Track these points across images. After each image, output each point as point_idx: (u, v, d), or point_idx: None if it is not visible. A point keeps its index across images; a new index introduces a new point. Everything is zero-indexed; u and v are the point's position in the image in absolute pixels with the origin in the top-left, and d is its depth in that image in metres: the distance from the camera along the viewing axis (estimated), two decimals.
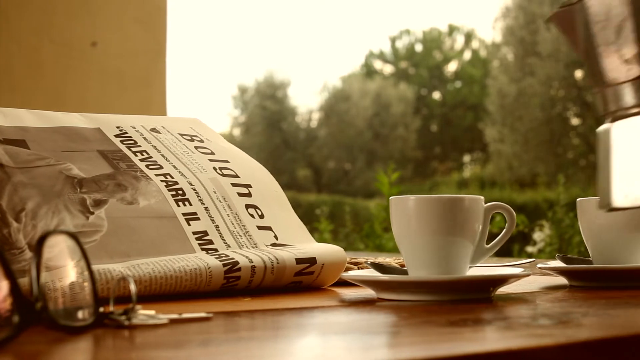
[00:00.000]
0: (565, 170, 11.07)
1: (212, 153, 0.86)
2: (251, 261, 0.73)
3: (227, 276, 0.72)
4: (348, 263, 0.86)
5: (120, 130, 0.84)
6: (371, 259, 0.86)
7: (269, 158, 15.61)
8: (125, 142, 0.83)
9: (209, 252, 0.75)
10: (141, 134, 0.85)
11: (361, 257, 0.97)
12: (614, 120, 0.67)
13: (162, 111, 2.68)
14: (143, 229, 0.73)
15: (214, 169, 0.83)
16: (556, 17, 0.72)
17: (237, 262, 0.73)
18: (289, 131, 16.25)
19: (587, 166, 11.63)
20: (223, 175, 0.83)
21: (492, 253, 0.74)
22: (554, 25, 0.73)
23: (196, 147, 0.86)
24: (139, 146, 0.83)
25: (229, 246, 0.77)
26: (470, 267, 0.74)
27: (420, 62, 18.53)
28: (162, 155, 0.82)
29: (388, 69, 18.86)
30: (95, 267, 0.65)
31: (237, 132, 16.65)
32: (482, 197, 0.73)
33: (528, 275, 0.72)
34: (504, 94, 12.30)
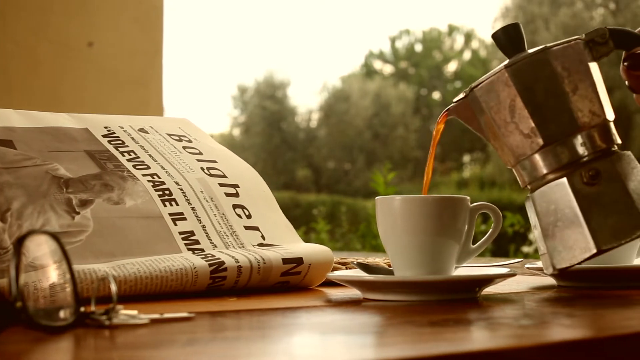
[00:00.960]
0: None
1: (200, 153, 0.86)
2: (237, 261, 0.73)
3: (213, 276, 0.72)
4: (336, 263, 0.86)
5: (108, 131, 0.85)
6: (358, 259, 0.86)
7: (269, 158, 15.62)
8: (112, 142, 0.83)
9: (195, 252, 0.75)
10: (129, 134, 0.85)
11: (351, 258, 0.97)
12: (532, 190, 0.73)
13: (158, 111, 2.68)
14: (129, 229, 0.74)
15: (202, 169, 0.83)
16: (455, 112, 0.77)
17: (223, 262, 0.73)
18: (288, 131, 16.26)
19: None
20: (211, 175, 0.83)
21: (478, 253, 0.74)
22: (456, 119, 0.77)
23: (184, 147, 0.86)
24: (127, 146, 0.83)
25: (215, 246, 0.77)
26: (456, 267, 0.74)
27: (420, 62, 18.53)
28: (150, 156, 0.83)
29: (388, 69, 18.86)
30: (79, 267, 0.65)
31: (236, 132, 16.66)
32: (468, 197, 0.73)
33: (514, 275, 0.72)
34: None
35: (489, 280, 0.70)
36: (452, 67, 18.93)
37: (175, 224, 0.76)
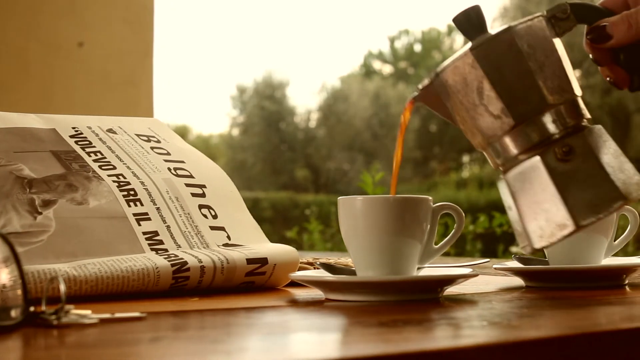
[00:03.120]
0: None
1: (168, 153, 0.86)
2: (200, 261, 0.74)
3: (175, 276, 0.72)
4: (305, 263, 0.86)
5: (76, 131, 0.85)
6: (322, 260, 0.86)
7: (268, 158, 15.62)
8: (79, 143, 0.83)
9: (159, 252, 0.75)
10: (97, 135, 0.85)
11: (323, 258, 0.97)
12: (505, 171, 0.72)
13: (148, 111, 2.68)
14: (92, 229, 0.74)
15: (169, 169, 0.83)
16: (421, 98, 0.76)
17: (185, 262, 0.73)
18: (287, 131, 16.25)
19: None
20: (177, 175, 0.83)
21: (441, 253, 0.74)
22: (422, 106, 0.76)
23: (152, 148, 0.86)
24: (94, 147, 0.83)
25: (179, 246, 0.77)
26: (419, 267, 0.74)
27: (420, 62, 18.53)
28: (117, 156, 0.83)
29: (387, 69, 18.87)
30: (34, 267, 0.65)
31: (235, 132, 16.66)
32: (431, 198, 0.73)
33: (475, 275, 0.72)
34: None
35: (450, 280, 0.70)
36: None
37: (139, 224, 0.76)
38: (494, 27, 0.73)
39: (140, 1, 2.69)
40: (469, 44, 0.73)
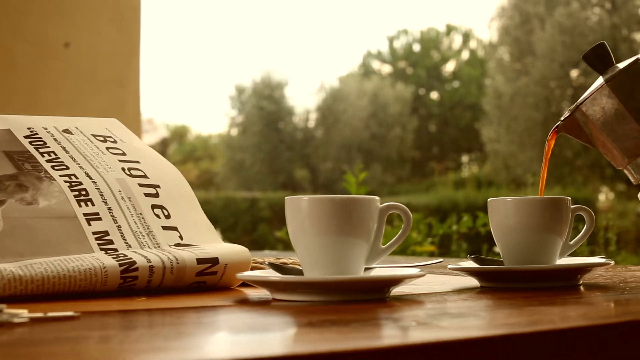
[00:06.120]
0: (560, 170, 11.07)
1: (124, 154, 0.86)
2: (149, 261, 0.74)
3: (124, 276, 0.72)
4: (260, 263, 0.86)
5: (31, 131, 0.85)
6: (271, 259, 0.86)
7: (266, 158, 15.62)
8: (34, 143, 0.83)
9: (108, 252, 0.75)
10: (52, 135, 0.85)
11: (289, 258, 0.97)
12: None
13: (135, 111, 2.68)
14: (41, 229, 0.74)
15: (123, 169, 0.84)
16: (563, 129, 0.91)
17: (134, 262, 0.73)
18: (286, 131, 16.25)
19: (583, 166, 11.62)
20: (131, 175, 0.83)
21: (389, 253, 0.74)
22: (565, 136, 0.92)
23: (107, 148, 0.86)
24: (48, 147, 0.83)
25: (130, 246, 0.77)
26: (367, 267, 0.74)
27: (418, 62, 18.52)
28: (70, 156, 0.83)
29: (386, 68, 18.86)
30: None
31: (234, 132, 16.66)
32: (378, 198, 0.73)
33: (422, 275, 0.72)
34: (500, 93, 12.29)
35: (395, 281, 0.70)
36: (450, 67, 18.93)
37: (90, 224, 0.76)
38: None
39: (126, 2, 2.69)
40: (601, 78, 0.86)
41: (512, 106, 12.04)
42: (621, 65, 0.88)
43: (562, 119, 0.91)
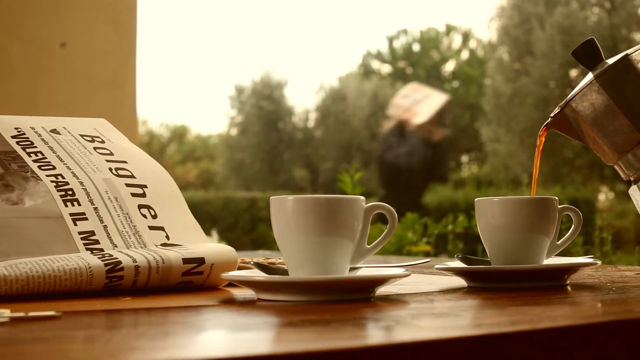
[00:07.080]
0: (560, 170, 11.07)
1: (111, 154, 0.87)
2: (135, 261, 0.74)
3: (109, 276, 0.73)
4: (246, 263, 0.86)
5: (19, 132, 0.85)
6: (260, 259, 0.86)
7: (266, 158, 15.61)
8: (21, 143, 0.83)
9: (94, 252, 0.75)
10: (39, 135, 0.85)
11: (277, 259, 0.97)
12: (636, 181, 0.86)
13: (132, 111, 2.68)
14: (26, 229, 0.74)
15: (110, 169, 0.84)
16: (553, 125, 0.90)
17: (120, 262, 0.73)
18: (285, 131, 16.25)
19: (583, 166, 11.61)
20: (118, 175, 0.84)
21: (374, 253, 0.75)
22: (555, 131, 0.91)
23: (95, 148, 0.86)
24: (35, 147, 0.83)
25: (116, 246, 0.77)
26: (352, 267, 0.74)
27: (418, 61, 18.52)
28: (57, 156, 0.83)
29: (385, 68, 18.85)
30: None
31: (234, 132, 16.66)
32: (363, 197, 0.73)
33: (407, 275, 0.72)
34: (500, 93, 12.29)
35: (380, 280, 0.70)
36: (449, 66, 18.92)
37: (76, 224, 0.77)
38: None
39: (123, 2, 2.69)
40: (590, 74, 0.86)
41: (511, 106, 12.04)
42: (610, 61, 0.87)
43: (552, 115, 0.91)
